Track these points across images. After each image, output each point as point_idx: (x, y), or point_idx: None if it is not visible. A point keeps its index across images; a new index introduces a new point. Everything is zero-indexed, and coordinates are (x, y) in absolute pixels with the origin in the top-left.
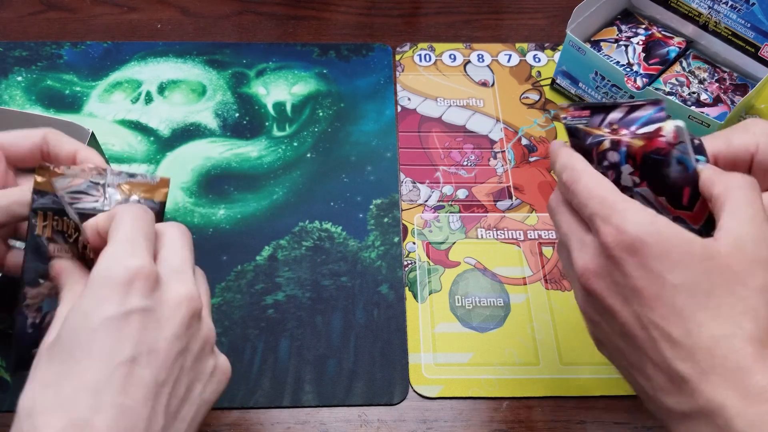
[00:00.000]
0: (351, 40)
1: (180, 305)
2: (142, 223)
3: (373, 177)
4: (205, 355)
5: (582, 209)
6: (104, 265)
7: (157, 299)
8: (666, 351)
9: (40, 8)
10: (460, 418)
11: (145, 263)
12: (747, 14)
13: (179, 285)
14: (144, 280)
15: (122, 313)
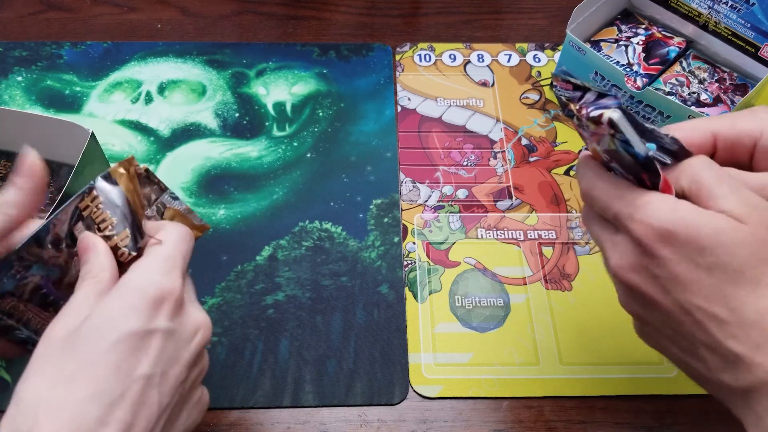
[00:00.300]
0: (351, 40)
1: (197, 333)
2: (184, 246)
3: (373, 177)
4: (197, 385)
5: (606, 212)
6: (139, 277)
7: (179, 323)
8: (715, 332)
9: (40, 8)
10: (460, 418)
11: (177, 285)
12: (747, 14)
13: (199, 313)
14: (173, 302)
15: (148, 330)
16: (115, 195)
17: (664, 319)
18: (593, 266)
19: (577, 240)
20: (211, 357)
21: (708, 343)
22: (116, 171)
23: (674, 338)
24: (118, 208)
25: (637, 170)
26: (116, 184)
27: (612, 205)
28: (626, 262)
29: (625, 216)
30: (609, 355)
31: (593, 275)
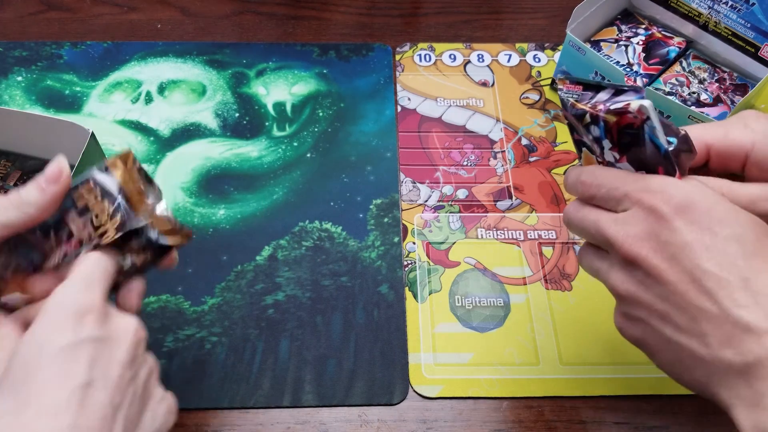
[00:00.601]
0: (351, 40)
1: (128, 333)
2: (102, 268)
3: (373, 177)
4: (153, 385)
5: (613, 192)
6: (59, 297)
7: (109, 329)
8: (724, 300)
9: (40, 8)
10: (460, 418)
11: (97, 299)
12: (747, 14)
13: (127, 317)
14: (96, 313)
15: (77, 341)
16: (111, 186)
17: (664, 292)
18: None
19: (577, 240)
20: (211, 357)
21: (713, 314)
22: (111, 162)
23: (670, 315)
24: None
25: (654, 163)
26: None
27: (623, 184)
28: (635, 231)
29: (640, 189)
30: (609, 355)
31: None
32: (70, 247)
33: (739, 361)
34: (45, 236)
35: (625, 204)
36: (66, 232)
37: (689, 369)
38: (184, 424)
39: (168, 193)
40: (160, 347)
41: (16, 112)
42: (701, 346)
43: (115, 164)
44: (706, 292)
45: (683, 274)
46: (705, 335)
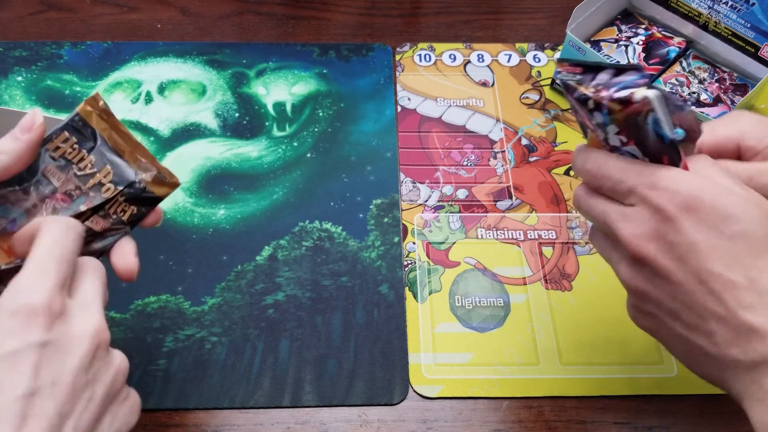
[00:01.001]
0: (351, 40)
1: (84, 338)
2: (61, 249)
3: (373, 177)
4: (116, 387)
5: (619, 186)
6: (9, 296)
7: (60, 332)
8: (730, 301)
9: (40, 8)
10: (460, 418)
11: (47, 298)
12: (747, 14)
13: (86, 317)
14: (45, 315)
15: (21, 348)
16: (88, 134)
17: (672, 291)
18: (593, 266)
19: (577, 240)
20: (211, 357)
21: (720, 315)
22: (84, 110)
23: (679, 313)
24: (95, 146)
25: (659, 151)
26: (86, 123)
27: (628, 178)
28: (641, 231)
29: (646, 185)
30: (609, 355)
31: (593, 275)
32: (57, 200)
33: (747, 360)
34: (25, 193)
35: (631, 199)
36: (48, 187)
37: (701, 364)
38: (184, 424)
39: None
40: (160, 347)
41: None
42: (710, 344)
43: (85, 110)
44: (713, 293)
45: (690, 275)
46: (713, 334)
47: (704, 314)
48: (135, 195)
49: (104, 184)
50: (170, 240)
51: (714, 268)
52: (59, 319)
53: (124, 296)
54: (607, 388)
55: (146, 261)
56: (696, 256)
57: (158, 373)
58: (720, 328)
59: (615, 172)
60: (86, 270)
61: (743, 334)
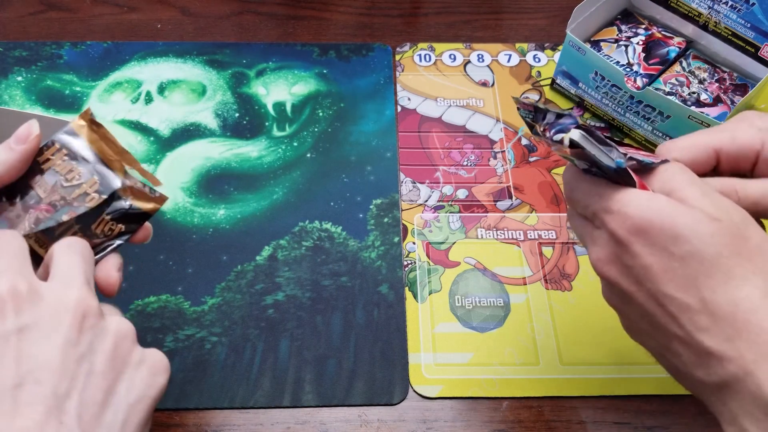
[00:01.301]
0: (351, 40)
1: (66, 311)
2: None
3: (373, 177)
4: (124, 352)
5: (586, 211)
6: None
7: (34, 314)
8: (687, 324)
9: (40, 8)
10: (460, 418)
11: (11, 282)
12: (747, 14)
13: (62, 291)
14: (14, 299)
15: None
16: (78, 146)
17: (640, 311)
18: None
19: (576, 240)
20: (211, 357)
21: (680, 337)
22: (76, 124)
23: (650, 331)
24: (84, 159)
25: (614, 177)
26: (77, 135)
27: (591, 202)
28: (603, 254)
29: (602, 210)
30: (609, 355)
31: (593, 275)
32: (41, 211)
33: (711, 382)
34: (11, 204)
35: (596, 222)
36: (33, 197)
37: (681, 380)
38: (184, 424)
39: (168, 193)
40: (160, 347)
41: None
42: (680, 363)
43: (79, 124)
44: (671, 316)
45: (649, 298)
46: (679, 355)
47: (668, 336)
48: (122, 213)
49: (89, 194)
50: (170, 240)
51: (668, 291)
52: (30, 301)
53: (124, 296)
54: (607, 388)
55: (146, 261)
56: (651, 279)
57: None
58: (683, 349)
59: (581, 196)
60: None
61: (702, 356)
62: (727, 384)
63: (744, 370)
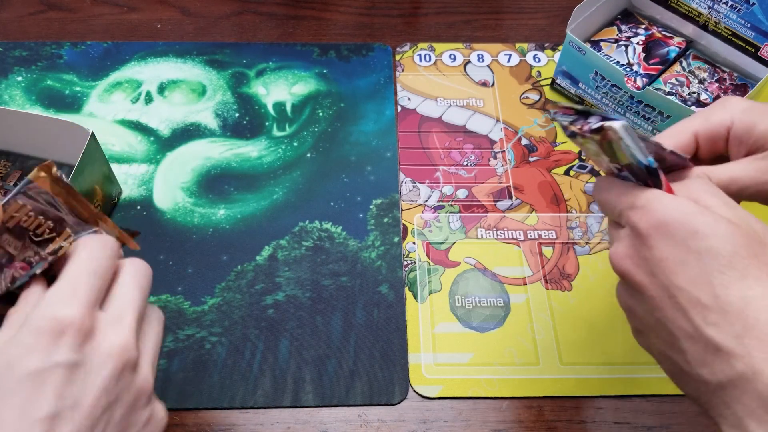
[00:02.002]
0: (351, 40)
1: (110, 357)
2: (95, 263)
3: (373, 177)
4: (140, 407)
5: (613, 212)
6: (39, 311)
7: (86, 352)
8: (696, 318)
9: (40, 8)
10: (460, 418)
11: (78, 314)
12: (747, 14)
13: (113, 335)
14: (74, 333)
15: (47, 367)
16: (42, 199)
17: (649, 307)
18: (593, 266)
19: (577, 240)
20: (211, 357)
21: (689, 332)
22: (37, 176)
23: (657, 328)
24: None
25: (643, 177)
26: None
27: (618, 202)
28: (621, 248)
29: (627, 207)
30: (609, 355)
31: (593, 275)
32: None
33: (714, 381)
34: None
35: (622, 222)
36: (5, 257)
37: (682, 382)
38: (184, 423)
39: (168, 193)
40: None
41: (16, 112)
42: (684, 362)
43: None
44: (681, 309)
45: (661, 290)
46: (685, 352)
47: (675, 331)
48: None
49: (63, 246)
50: (170, 240)
51: (680, 283)
52: (88, 338)
53: None
54: (607, 388)
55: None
56: (664, 271)
57: (158, 373)
58: (690, 345)
59: (611, 199)
60: (126, 273)
61: (710, 353)
62: (732, 383)
63: (752, 368)
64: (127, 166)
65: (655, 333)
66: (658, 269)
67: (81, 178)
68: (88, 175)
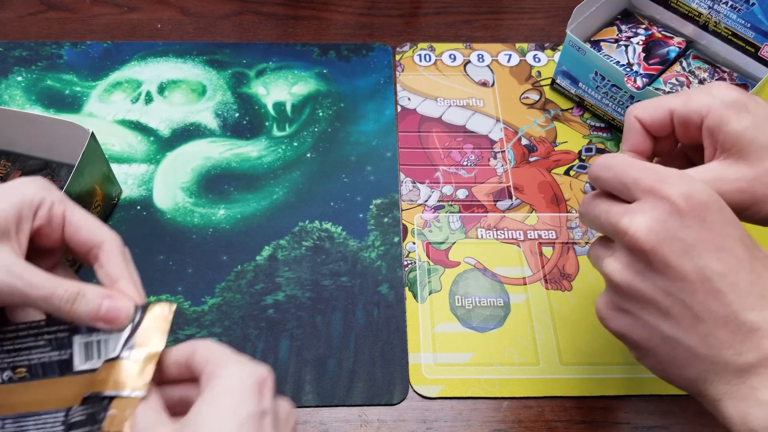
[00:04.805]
0: (351, 40)
1: (290, 416)
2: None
3: (373, 177)
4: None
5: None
6: (234, 371)
7: (276, 405)
8: (734, 303)
9: (40, 8)
10: (460, 418)
11: (268, 369)
12: (747, 14)
13: (282, 398)
14: (271, 384)
15: (260, 412)
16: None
17: (668, 287)
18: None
19: (577, 240)
20: None
21: (720, 315)
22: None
23: (670, 312)
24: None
25: None
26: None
27: (632, 171)
28: (645, 221)
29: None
30: (609, 355)
31: (593, 275)
32: None
33: (740, 362)
34: None
35: (635, 192)
36: None
37: (681, 367)
38: None
39: (168, 193)
40: None
41: (16, 112)
42: (702, 345)
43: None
44: (716, 293)
45: (693, 272)
46: (707, 335)
47: (702, 314)
48: None
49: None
50: (170, 240)
51: (717, 268)
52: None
53: None
54: (607, 388)
55: (146, 261)
56: (701, 254)
57: None
58: (717, 329)
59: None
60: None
61: (740, 334)
62: (759, 362)
63: None
64: (127, 166)
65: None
66: (693, 251)
67: (81, 178)
68: (88, 175)
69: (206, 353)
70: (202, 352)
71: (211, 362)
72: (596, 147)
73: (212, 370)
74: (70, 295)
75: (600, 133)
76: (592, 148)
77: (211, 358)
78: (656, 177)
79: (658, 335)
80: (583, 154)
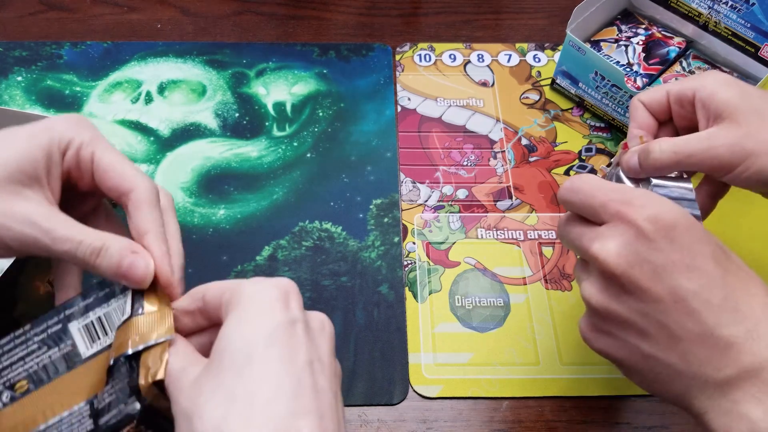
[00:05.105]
0: (351, 40)
1: (324, 325)
2: None
3: (373, 177)
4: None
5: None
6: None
7: (306, 315)
8: (709, 320)
9: (40, 8)
10: (460, 418)
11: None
12: (747, 14)
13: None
14: (297, 294)
15: (291, 319)
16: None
17: (644, 309)
18: None
19: None
20: None
21: (696, 333)
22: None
23: (648, 332)
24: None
25: None
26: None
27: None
28: (614, 246)
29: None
30: None
31: None
32: None
33: (720, 377)
34: None
35: (603, 216)
36: None
37: (665, 383)
38: None
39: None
40: None
41: (17, 112)
42: (681, 362)
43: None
44: (690, 311)
45: (666, 293)
46: (685, 353)
47: (678, 333)
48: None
49: None
50: None
51: (690, 287)
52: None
53: None
54: (607, 388)
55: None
56: (672, 274)
57: None
58: (694, 347)
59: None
60: None
61: (718, 351)
62: (737, 376)
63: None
64: None
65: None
66: (664, 272)
67: None
68: None
69: (218, 288)
70: (214, 289)
71: (227, 291)
72: (596, 147)
73: (230, 297)
74: (93, 249)
75: (600, 133)
76: (592, 148)
77: (226, 288)
78: (622, 200)
79: (638, 354)
80: (583, 154)
